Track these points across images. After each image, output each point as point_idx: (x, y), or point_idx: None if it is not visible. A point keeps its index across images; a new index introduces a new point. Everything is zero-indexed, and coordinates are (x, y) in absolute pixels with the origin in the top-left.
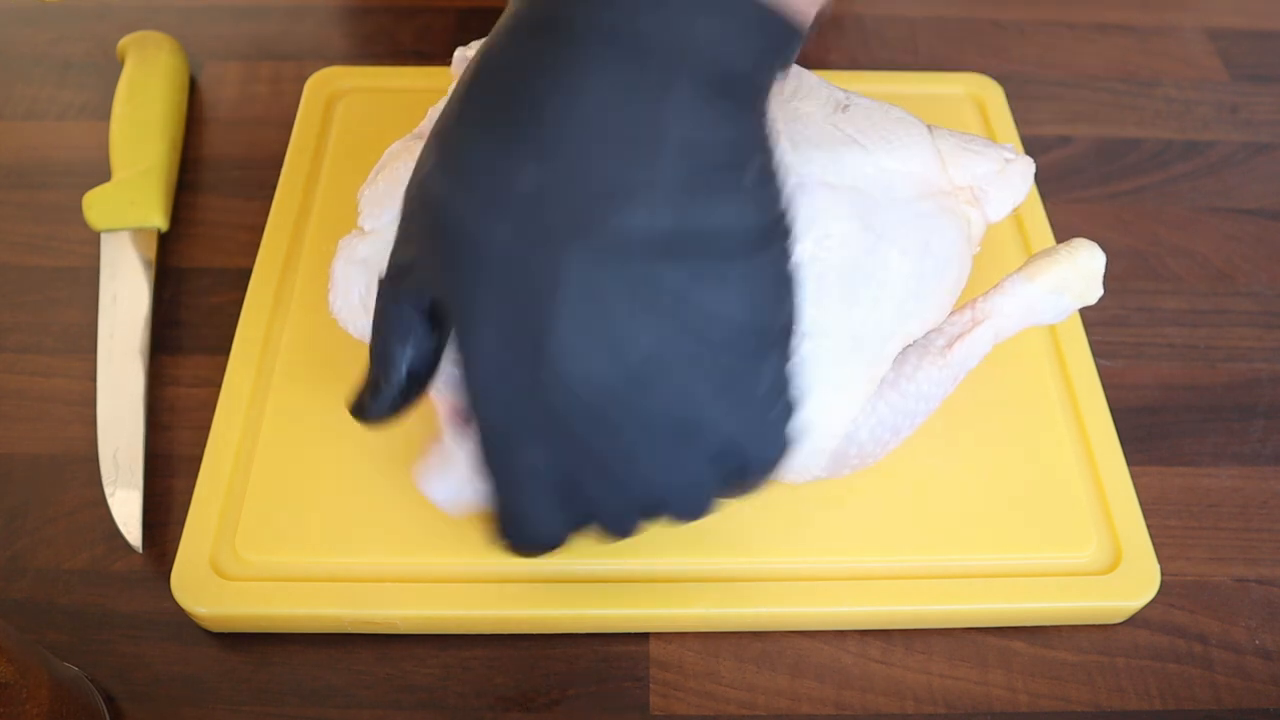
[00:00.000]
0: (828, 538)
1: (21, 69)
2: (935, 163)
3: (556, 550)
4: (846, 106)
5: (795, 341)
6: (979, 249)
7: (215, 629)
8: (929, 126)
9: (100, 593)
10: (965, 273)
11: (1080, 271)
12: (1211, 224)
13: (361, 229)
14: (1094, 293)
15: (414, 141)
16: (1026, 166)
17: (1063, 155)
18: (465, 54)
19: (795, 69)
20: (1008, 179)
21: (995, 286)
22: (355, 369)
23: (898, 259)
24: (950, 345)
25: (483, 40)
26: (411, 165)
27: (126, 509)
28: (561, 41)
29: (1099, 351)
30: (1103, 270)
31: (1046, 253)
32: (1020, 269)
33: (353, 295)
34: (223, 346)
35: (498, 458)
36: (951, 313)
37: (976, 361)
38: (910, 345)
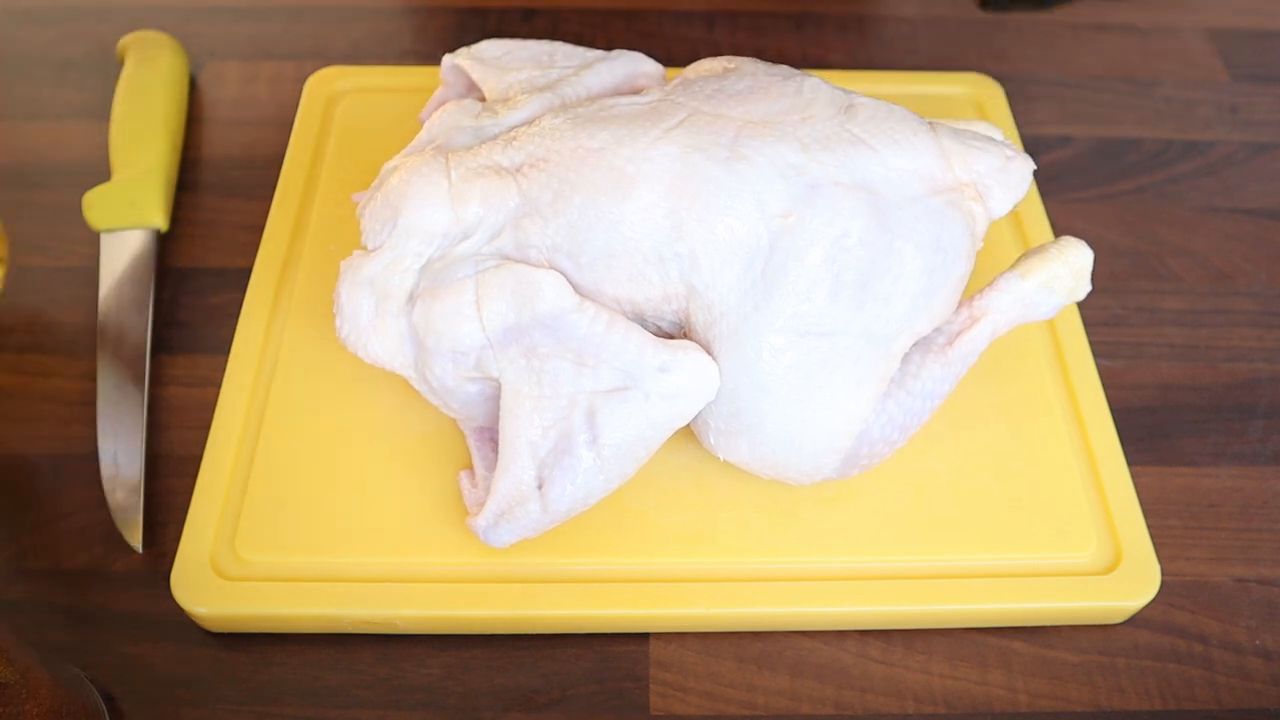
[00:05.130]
0: (828, 538)
1: (21, 69)
2: (940, 160)
3: None
4: (850, 107)
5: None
6: (981, 244)
7: (215, 629)
8: (930, 122)
9: (100, 593)
10: (970, 268)
11: (1070, 268)
12: (1211, 224)
13: (365, 249)
14: (1083, 289)
15: (407, 158)
16: (1026, 163)
17: (1063, 155)
18: (453, 61)
19: (796, 72)
20: (1009, 175)
21: (990, 284)
22: (355, 368)
23: (912, 255)
24: (950, 342)
25: (472, 47)
26: (408, 181)
27: (126, 509)
28: None
29: (1099, 351)
30: (1090, 266)
31: (1037, 250)
32: (1013, 266)
33: (361, 318)
34: (223, 346)
35: None
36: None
37: (975, 357)
38: (915, 344)
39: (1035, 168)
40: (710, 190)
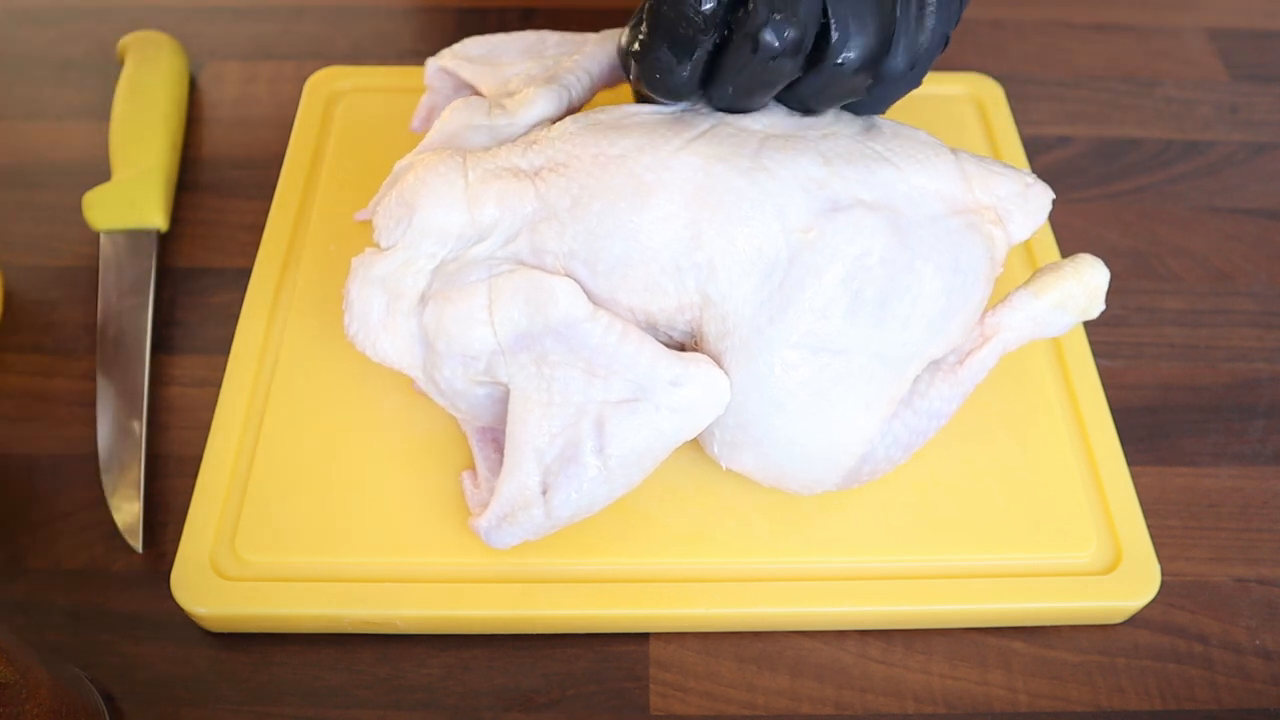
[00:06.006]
0: (828, 538)
1: (21, 69)
2: (961, 181)
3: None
4: (872, 126)
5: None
6: (1002, 270)
7: (215, 629)
8: (951, 149)
9: (100, 593)
10: (988, 293)
11: (1085, 287)
12: (1211, 224)
13: (377, 247)
14: (1096, 307)
15: (422, 156)
16: (1046, 191)
17: (1063, 155)
18: (439, 64)
19: None
20: (1029, 201)
21: (1003, 301)
22: (355, 369)
23: (931, 275)
24: (961, 362)
25: (454, 47)
26: (424, 180)
27: (126, 509)
28: None
29: (1099, 351)
30: (1105, 286)
31: (1052, 268)
32: (1026, 284)
33: (371, 317)
34: (223, 346)
35: None
36: None
37: (983, 376)
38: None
39: (1054, 196)
40: (732, 201)
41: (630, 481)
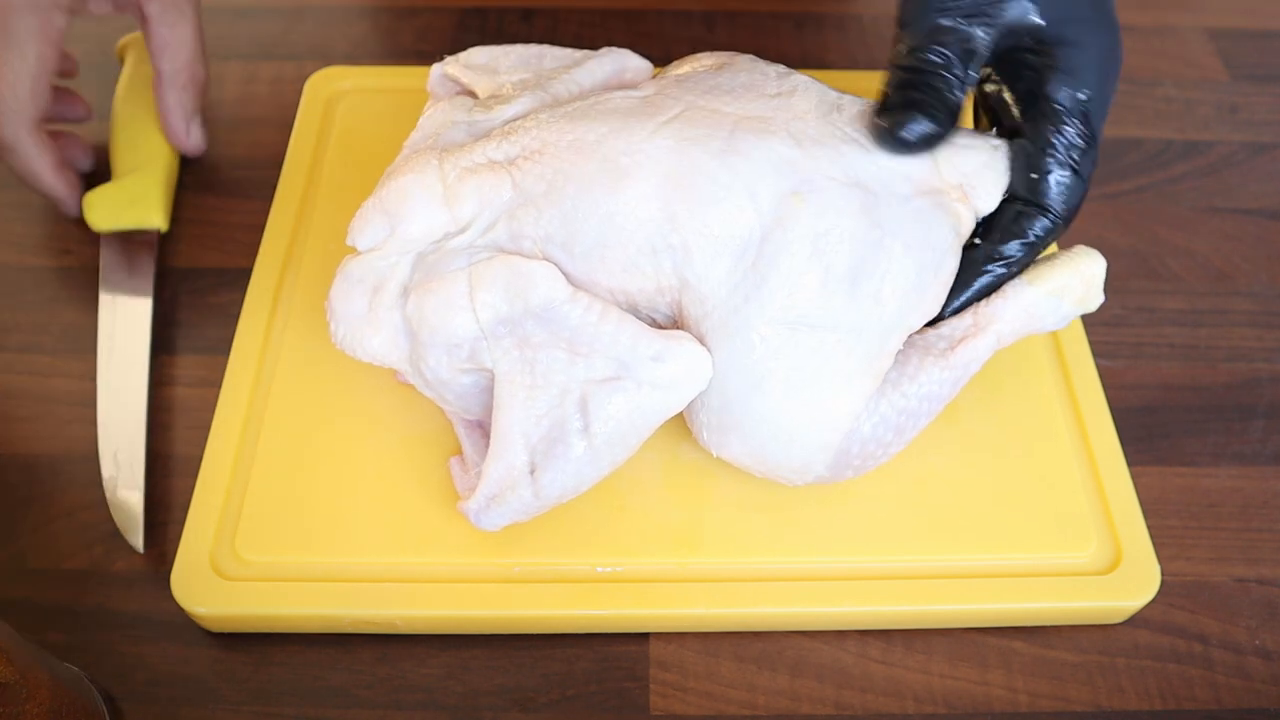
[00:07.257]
0: (828, 538)
1: None
2: (929, 161)
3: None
4: (840, 106)
5: None
6: (968, 236)
7: (215, 629)
8: None
9: (100, 593)
10: (956, 266)
11: (1081, 277)
12: (1211, 224)
13: (355, 250)
14: (1094, 299)
15: (404, 161)
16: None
17: None
18: (443, 69)
19: (789, 70)
20: (996, 166)
21: (997, 291)
22: (355, 369)
23: (901, 253)
24: (953, 348)
25: (459, 55)
26: (403, 188)
27: (126, 509)
28: None
29: (1099, 351)
30: (1103, 277)
31: (1048, 258)
32: (1021, 274)
33: (353, 314)
34: (223, 346)
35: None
36: (955, 317)
37: (978, 366)
38: (912, 345)
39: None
40: (704, 183)
41: (616, 460)
